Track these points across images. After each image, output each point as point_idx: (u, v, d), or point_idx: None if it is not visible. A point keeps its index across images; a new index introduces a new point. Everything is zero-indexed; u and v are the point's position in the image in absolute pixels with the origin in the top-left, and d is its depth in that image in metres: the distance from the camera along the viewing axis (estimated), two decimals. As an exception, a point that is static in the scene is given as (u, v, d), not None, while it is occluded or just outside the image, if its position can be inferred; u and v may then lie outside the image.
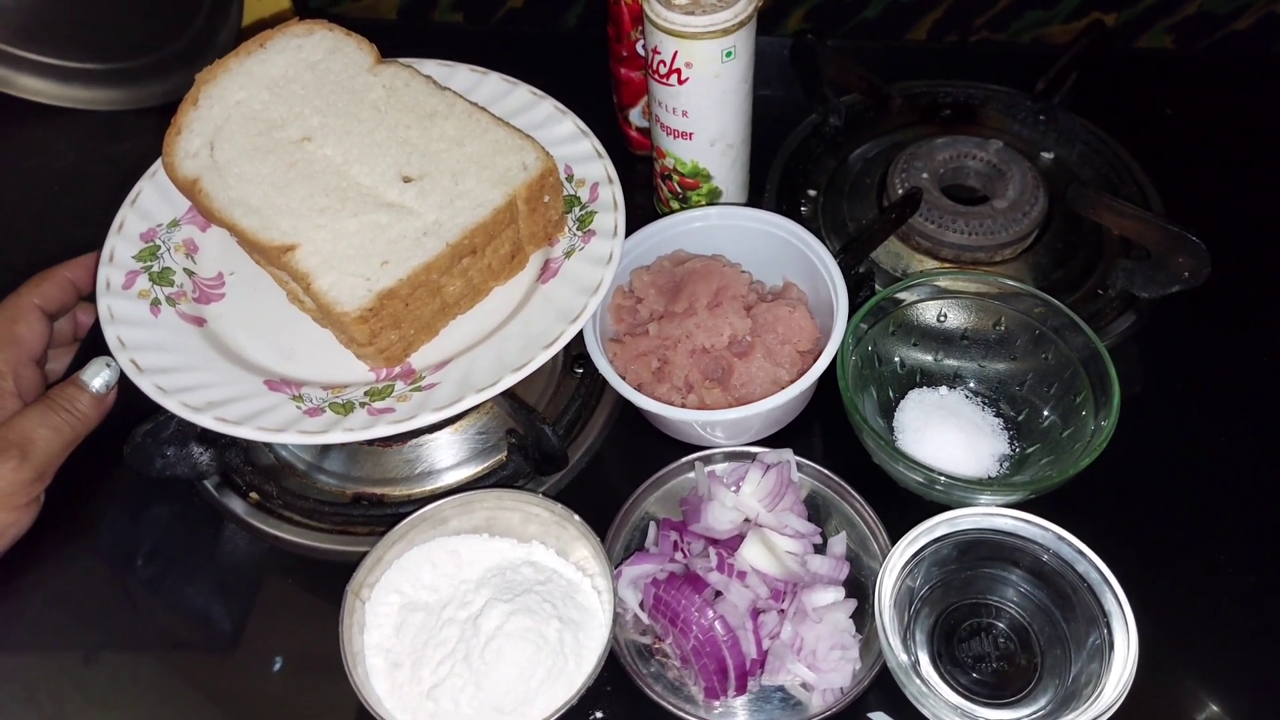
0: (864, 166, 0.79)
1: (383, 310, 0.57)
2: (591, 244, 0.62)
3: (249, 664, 0.59)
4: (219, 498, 0.66)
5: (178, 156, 0.63)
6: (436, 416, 0.55)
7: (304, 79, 0.65)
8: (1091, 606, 0.53)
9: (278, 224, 0.59)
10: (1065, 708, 0.51)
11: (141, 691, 0.59)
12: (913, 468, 0.57)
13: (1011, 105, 0.82)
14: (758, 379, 0.63)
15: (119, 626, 0.61)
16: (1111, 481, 0.60)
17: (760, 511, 0.59)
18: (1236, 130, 0.83)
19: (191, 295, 0.64)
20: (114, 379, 0.63)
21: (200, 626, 0.61)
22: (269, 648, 0.59)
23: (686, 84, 0.65)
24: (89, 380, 0.62)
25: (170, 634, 0.61)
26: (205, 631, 0.61)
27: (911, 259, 0.72)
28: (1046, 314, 0.63)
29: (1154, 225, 0.67)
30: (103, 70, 0.91)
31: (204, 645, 0.60)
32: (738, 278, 0.66)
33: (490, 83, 0.70)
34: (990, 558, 0.57)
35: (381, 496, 0.65)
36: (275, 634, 0.60)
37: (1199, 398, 0.67)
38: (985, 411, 0.65)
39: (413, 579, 0.58)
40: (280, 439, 0.55)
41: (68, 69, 0.90)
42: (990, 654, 0.56)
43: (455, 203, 0.60)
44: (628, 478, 0.62)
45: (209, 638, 0.61)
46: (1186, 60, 0.90)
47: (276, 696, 0.58)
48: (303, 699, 0.58)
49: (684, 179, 0.72)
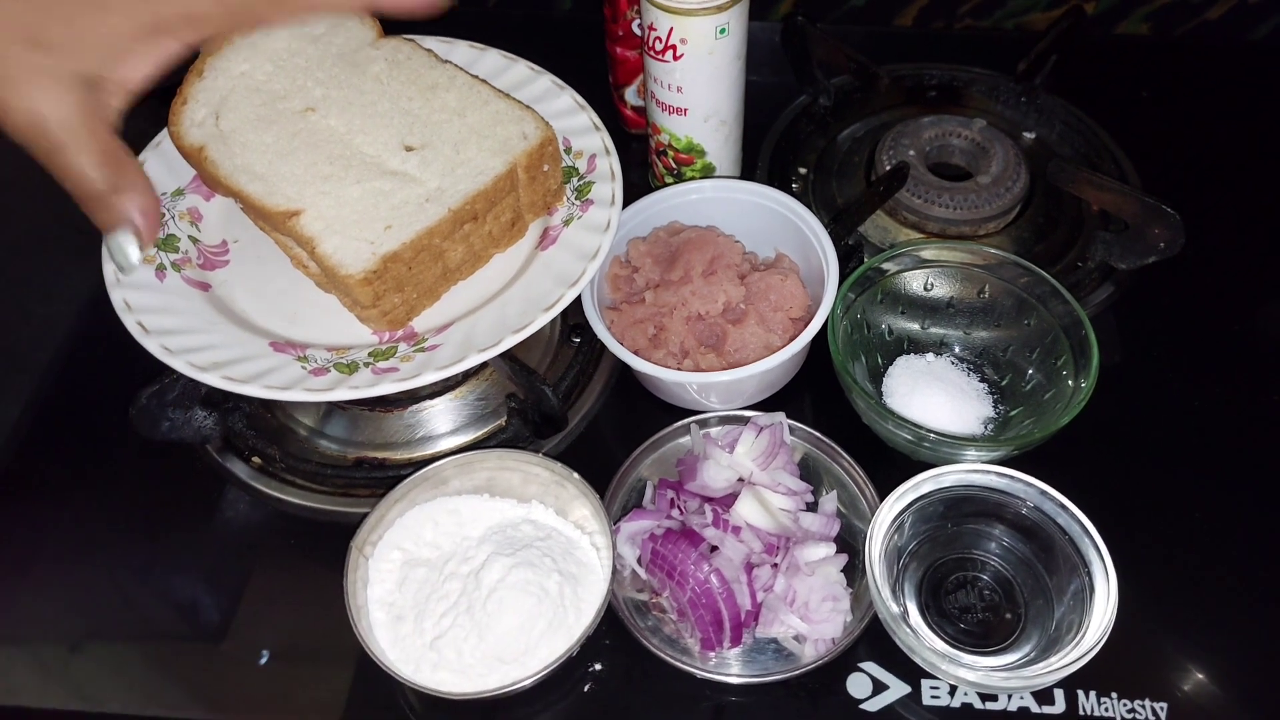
0: (852, 145, 0.82)
1: (386, 273, 0.58)
2: (590, 212, 0.64)
3: (246, 636, 0.60)
4: (221, 462, 0.67)
5: (183, 125, 0.64)
6: (440, 375, 0.56)
7: (307, 52, 0.67)
8: (1072, 557, 0.55)
9: (282, 190, 0.61)
10: (1048, 653, 0.53)
11: (142, 659, 0.60)
12: (902, 425, 0.59)
13: (994, 87, 0.84)
14: (751, 345, 0.64)
15: (118, 593, 0.62)
16: (1091, 444, 0.63)
17: (754, 470, 0.60)
18: (1210, 112, 0.86)
19: (196, 261, 0.65)
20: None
21: (203, 590, 0.62)
22: (274, 604, 0.61)
23: (681, 60, 0.67)
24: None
25: (172, 597, 0.62)
26: (209, 595, 0.62)
27: (899, 233, 0.75)
28: (1029, 282, 0.65)
29: (1131, 197, 0.70)
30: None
31: (213, 605, 0.62)
32: (732, 247, 0.68)
33: (490, 58, 0.72)
34: (975, 513, 0.59)
35: (383, 460, 0.67)
36: (280, 593, 0.62)
37: (1174, 364, 0.69)
38: (970, 376, 0.67)
39: (415, 536, 0.59)
40: (286, 396, 0.56)
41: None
42: (976, 605, 0.58)
43: (457, 170, 0.61)
44: (624, 442, 0.64)
45: (217, 597, 0.62)
46: (1162, 46, 0.93)
47: (276, 666, 0.59)
48: (301, 670, 0.59)
49: (678, 154, 0.74)
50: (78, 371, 0.73)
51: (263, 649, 0.59)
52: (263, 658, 0.59)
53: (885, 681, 0.56)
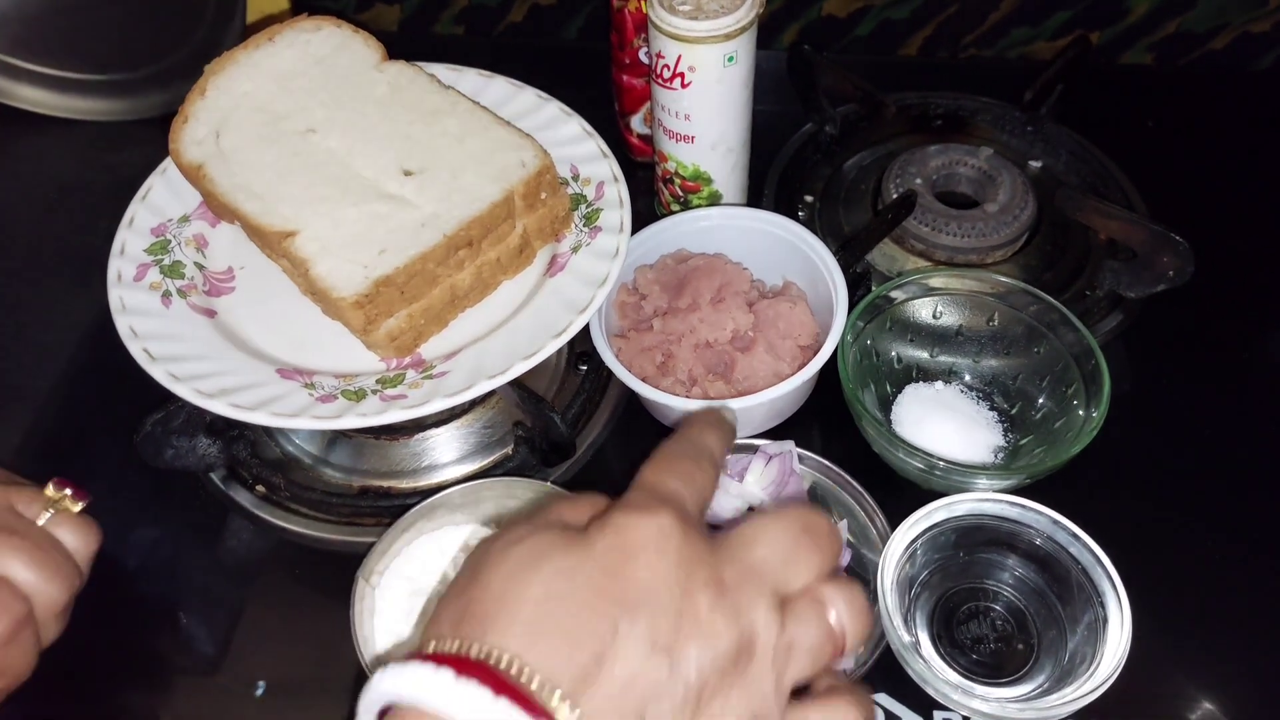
0: (859, 174, 0.82)
1: (379, 297, 0.58)
2: (598, 239, 0.64)
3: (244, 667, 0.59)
4: (225, 490, 0.66)
5: (183, 143, 0.64)
6: (450, 402, 0.56)
7: (310, 73, 0.67)
8: (1085, 587, 0.55)
9: (279, 210, 0.61)
10: (1062, 684, 0.53)
11: (139, 688, 0.59)
12: (912, 454, 0.59)
13: (1000, 116, 0.84)
14: (760, 373, 0.64)
15: (118, 622, 0.62)
16: (1103, 473, 0.62)
17: (764, 500, 0.60)
18: (1215, 141, 0.86)
19: (202, 288, 0.65)
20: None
21: (207, 614, 0.62)
22: (275, 634, 0.60)
23: (689, 88, 0.67)
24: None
25: (172, 626, 0.61)
26: (210, 620, 0.61)
27: (906, 261, 0.74)
28: (1039, 310, 0.65)
29: (1139, 225, 0.70)
30: (102, 81, 0.92)
31: (207, 637, 0.61)
32: (740, 274, 0.67)
33: (497, 85, 0.72)
34: (987, 543, 0.58)
35: (388, 489, 0.66)
36: (282, 622, 0.61)
37: (1185, 392, 0.69)
38: (980, 405, 0.67)
39: (421, 566, 0.58)
40: (294, 424, 0.55)
41: (67, 79, 0.91)
42: (988, 636, 0.57)
43: (453, 196, 0.61)
44: (631, 471, 0.62)
45: (213, 628, 0.61)
46: (1167, 76, 0.94)
47: (272, 699, 0.58)
48: (300, 701, 0.58)
49: (685, 183, 0.74)
50: (79, 400, 0.72)
51: (260, 680, 0.58)
52: (259, 689, 0.58)
53: (898, 714, 0.55)
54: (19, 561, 0.50)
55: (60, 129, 0.92)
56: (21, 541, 0.51)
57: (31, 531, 0.52)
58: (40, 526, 0.53)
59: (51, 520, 0.53)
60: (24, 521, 0.52)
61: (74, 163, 0.92)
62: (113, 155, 0.91)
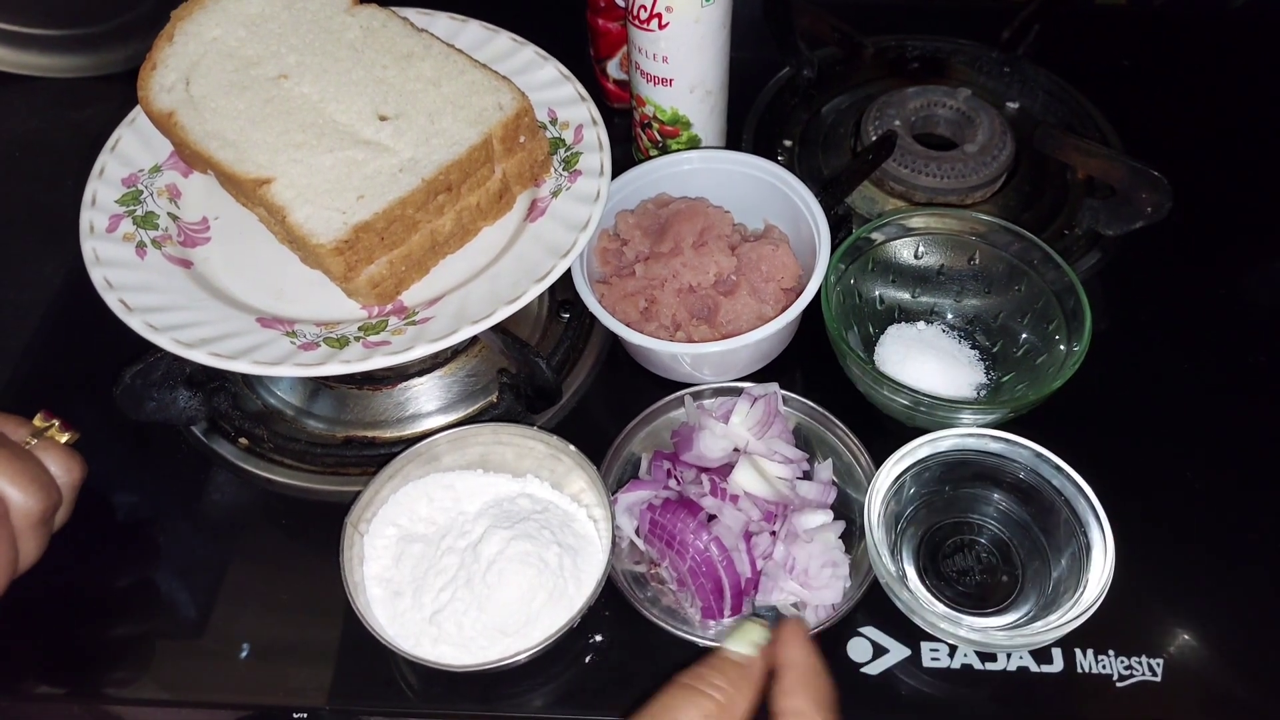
0: (837, 117, 0.81)
1: (358, 243, 0.57)
2: (578, 183, 0.63)
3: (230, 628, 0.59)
4: (207, 443, 0.66)
5: (152, 90, 0.63)
6: (433, 348, 0.55)
7: (281, 17, 0.66)
8: (1069, 518, 0.56)
9: (253, 158, 0.60)
10: (1046, 612, 0.54)
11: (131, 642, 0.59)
12: (898, 391, 0.59)
13: (977, 58, 0.84)
14: (743, 315, 0.64)
15: (104, 577, 0.61)
16: (1084, 408, 0.63)
17: (750, 440, 0.60)
18: (1190, 79, 0.86)
19: (177, 239, 0.63)
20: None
21: (191, 571, 0.61)
22: (269, 583, 0.60)
23: (667, 29, 0.66)
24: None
25: (159, 580, 0.61)
26: (194, 579, 0.61)
27: (886, 203, 0.74)
28: (1020, 248, 0.65)
29: (1118, 162, 0.70)
30: (64, 36, 0.90)
31: (194, 587, 0.60)
32: (722, 218, 0.67)
33: (471, 30, 0.71)
34: (972, 477, 0.59)
35: (373, 439, 0.66)
36: (271, 571, 0.61)
37: (1162, 328, 0.70)
38: (962, 344, 0.67)
39: (410, 512, 0.58)
40: (276, 372, 0.55)
41: (27, 35, 0.89)
42: (974, 568, 0.58)
43: (431, 141, 0.61)
44: (616, 417, 0.63)
45: (202, 578, 0.61)
46: (1142, 15, 0.94)
47: (264, 644, 0.58)
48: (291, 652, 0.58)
49: (664, 126, 0.73)
50: (54, 358, 0.71)
51: (244, 642, 0.58)
52: (243, 651, 0.58)
53: (885, 645, 0.56)
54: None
55: (21, 86, 0.90)
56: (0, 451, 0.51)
57: (11, 446, 0.53)
58: (23, 447, 0.54)
59: (37, 446, 0.54)
60: (7, 440, 0.53)
61: (37, 121, 0.90)
62: (76, 112, 0.89)
